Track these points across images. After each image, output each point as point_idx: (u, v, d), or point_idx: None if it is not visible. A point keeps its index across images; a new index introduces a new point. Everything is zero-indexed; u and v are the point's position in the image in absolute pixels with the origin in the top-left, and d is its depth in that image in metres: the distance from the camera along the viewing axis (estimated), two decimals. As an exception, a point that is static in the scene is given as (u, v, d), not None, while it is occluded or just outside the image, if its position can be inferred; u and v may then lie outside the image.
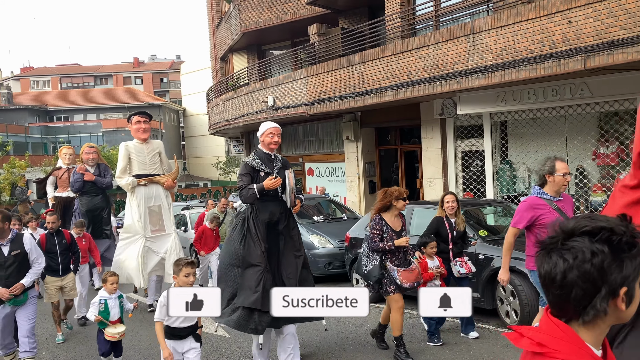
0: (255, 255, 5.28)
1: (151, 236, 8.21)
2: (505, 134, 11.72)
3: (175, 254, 8.19)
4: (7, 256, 5.46)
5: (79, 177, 9.48)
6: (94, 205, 9.68)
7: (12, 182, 27.39)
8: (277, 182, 5.26)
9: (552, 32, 8.48)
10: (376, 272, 5.84)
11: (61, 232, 7.62)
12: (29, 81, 69.81)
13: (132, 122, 8.37)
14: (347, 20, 15.67)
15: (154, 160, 8.39)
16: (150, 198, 8.26)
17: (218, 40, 23.67)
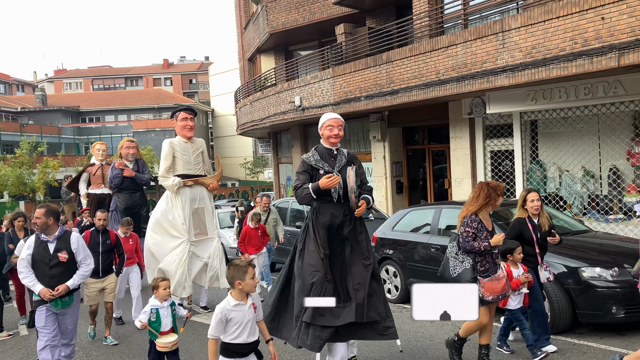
0: (313, 262, 4.70)
1: (195, 240, 7.73)
2: (536, 133, 11.53)
3: (218, 259, 7.83)
4: (53, 254, 5.16)
5: (119, 172, 9.06)
6: (133, 203, 9.27)
7: (46, 181, 28.08)
8: (334, 180, 4.65)
9: (585, 29, 8.31)
10: (468, 275, 5.11)
11: (107, 231, 7.24)
12: (62, 83, 71.49)
13: (177, 119, 7.80)
14: (375, 19, 15.62)
15: (198, 160, 7.91)
16: (195, 200, 7.75)
17: (246, 42, 23.84)
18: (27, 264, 5.17)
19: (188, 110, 7.90)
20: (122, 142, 9.62)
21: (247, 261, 3.99)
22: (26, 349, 7.16)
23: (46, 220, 5.14)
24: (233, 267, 3.97)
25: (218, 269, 7.78)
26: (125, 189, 9.20)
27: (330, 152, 5.03)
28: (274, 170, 23.73)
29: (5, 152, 35.00)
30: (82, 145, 51.02)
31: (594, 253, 6.69)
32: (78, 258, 5.30)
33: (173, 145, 7.70)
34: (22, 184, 26.80)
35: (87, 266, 5.37)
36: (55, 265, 5.15)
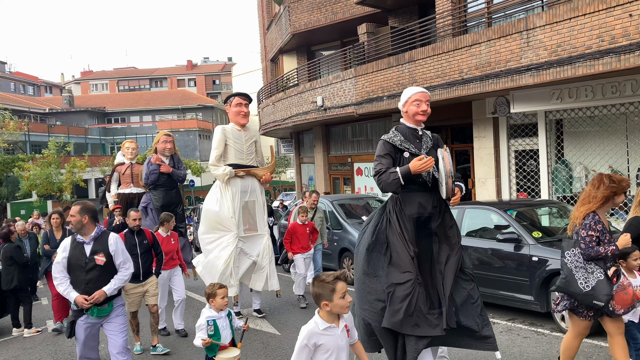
0: (401, 262, 4.02)
1: (244, 236, 7.19)
2: (561, 132, 11.35)
3: (267, 258, 7.32)
4: (89, 257, 4.65)
5: (156, 168, 8.62)
6: (169, 200, 8.80)
7: (73, 181, 28.60)
8: (429, 163, 3.95)
9: (612, 27, 8.16)
10: (606, 289, 4.21)
11: (142, 231, 6.66)
12: (89, 84, 72.69)
13: (231, 104, 7.33)
14: (397, 19, 15.55)
15: (251, 150, 7.39)
16: (246, 192, 7.23)
17: (268, 42, 23.95)
18: (63, 268, 4.69)
19: (243, 96, 7.42)
20: (159, 136, 9.14)
21: (335, 276, 3.17)
22: (54, 345, 7.29)
23: (80, 219, 4.65)
24: (318, 283, 3.19)
25: (267, 269, 7.34)
26: (162, 186, 8.75)
27: (414, 133, 4.34)
28: (296, 170, 23.80)
29: (33, 153, 35.73)
30: (108, 145, 51.82)
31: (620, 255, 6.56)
32: (117, 261, 4.78)
33: (225, 132, 7.17)
34: (50, 184, 27.35)
35: (127, 270, 4.85)
36: (91, 269, 4.65)
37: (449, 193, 4.06)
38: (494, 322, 7.08)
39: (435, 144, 4.39)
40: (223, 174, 7.03)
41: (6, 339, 8.01)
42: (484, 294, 7.47)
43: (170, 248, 7.18)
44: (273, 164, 7.69)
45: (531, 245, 6.95)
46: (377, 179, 4.14)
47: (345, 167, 18.80)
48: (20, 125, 32.22)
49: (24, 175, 27.06)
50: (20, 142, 36.13)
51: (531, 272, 6.81)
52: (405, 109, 4.39)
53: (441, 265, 4.13)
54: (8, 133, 28.25)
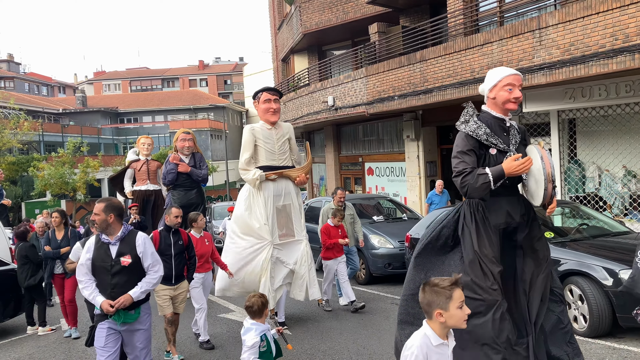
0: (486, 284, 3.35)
1: (279, 243, 6.69)
2: (574, 132, 11.26)
3: (306, 266, 6.81)
4: (115, 259, 4.27)
5: (173, 167, 8.25)
6: (189, 201, 8.35)
7: (86, 181, 28.86)
8: (527, 164, 3.36)
9: (626, 25, 8.09)
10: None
11: (178, 231, 6.19)
12: (102, 85, 73.29)
13: (259, 101, 6.77)
14: (408, 18, 15.52)
15: (284, 149, 6.82)
16: (280, 196, 6.74)
17: (279, 42, 24.00)
18: (87, 270, 4.31)
19: (272, 91, 6.83)
20: (178, 133, 8.69)
21: (451, 281, 2.62)
22: (68, 344, 7.36)
23: (106, 217, 4.26)
24: (430, 289, 2.64)
25: (306, 277, 6.84)
26: (180, 186, 8.34)
27: (501, 124, 3.65)
28: (307, 169, 23.78)
29: (47, 153, 36.09)
30: (121, 145, 52.18)
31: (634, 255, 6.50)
32: (145, 263, 4.36)
33: (254, 132, 6.64)
34: (64, 183, 27.62)
35: (155, 273, 4.40)
36: (118, 272, 4.26)
37: (546, 200, 3.43)
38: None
39: (522, 139, 3.69)
40: (253, 178, 6.54)
41: (21, 337, 8.11)
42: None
43: (205, 250, 6.65)
44: (309, 164, 7.12)
45: (543, 246, 6.89)
46: (459, 180, 3.47)
47: (356, 166, 18.80)
48: (34, 125, 32.56)
49: (39, 175, 27.36)
50: (35, 142, 36.52)
51: (543, 273, 6.76)
52: (492, 95, 3.69)
53: (525, 284, 3.53)
54: (22, 133, 28.56)
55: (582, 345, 5.97)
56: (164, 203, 9.57)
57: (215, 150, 50.97)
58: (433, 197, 12.77)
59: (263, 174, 6.56)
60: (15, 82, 58.92)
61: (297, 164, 7.01)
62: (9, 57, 64.44)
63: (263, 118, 6.78)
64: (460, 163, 3.50)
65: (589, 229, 7.83)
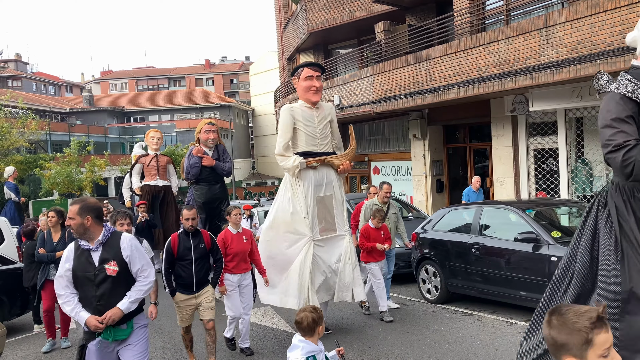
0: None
1: (319, 238, 6.03)
2: (581, 130, 11.20)
3: (350, 264, 6.13)
4: (98, 267, 3.70)
5: (197, 161, 7.73)
6: (213, 196, 7.87)
7: (93, 180, 28.99)
8: None
9: (634, 23, 8.02)
10: None
11: (199, 232, 5.59)
12: (108, 84, 73.55)
13: (300, 77, 6.09)
14: (414, 17, 15.47)
15: (325, 133, 6.14)
16: (321, 186, 6.05)
17: (285, 41, 24.00)
18: (68, 282, 3.75)
19: (314, 66, 6.14)
20: (201, 124, 8.10)
21: (592, 317, 1.72)
22: (74, 341, 7.38)
23: (82, 221, 3.68)
24: (560, 323, 1.78)
25: (350, 277, 6.18)
26: (204, 180, 7.80)
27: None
28: (313, 169, 23.80)
29: (54, 152, 36.26)
30: (127, 144, 52.37)
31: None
32: (133, 268, 3.81)
33: (294, 114, 5.95)
34: (70, 182, 27.75)
35: (146, 279, 3.84)
36: (103, 281, 3.70)
37: None
38: (511, 322, 7.03)
39: None
40: (292, 165, 5.83)
41: (28, 335, 8.14)
42: (502, 294, 7.42)
43: (242, 248, 5.94)
44: (353, 149, 6.37)
45: (550, 245, 6.87)
46: (621, 157, 2.73)
47: (362, 165, 18.77)
48: (41, 125, 32.71)
49: (46, 174, 27.49)
50: (42, 141, 36.68)
51: (550, 272, 6.72)
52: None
53: None
54: (30, 133, 28.69)
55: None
56: (174, 200, 9.27)
57: (222, 150, 51.03)
58: (470, 194, 11.47)
59: (303, 160, 5.86)
60: (23, 82, 59.22)
61: (338, 150, 6.33)
62: (17, 57, 64.79)
63: (303, 97, 6.07)
64: (619, 134, 2.74)
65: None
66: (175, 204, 9.41)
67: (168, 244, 5.44)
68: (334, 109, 6.33)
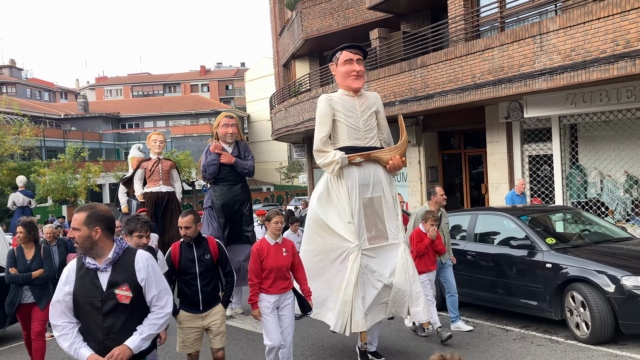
0: None
1: (368, 248, 5.13)
2: (575, 137, 11.25)
3: (406, 277, 5.17)
4: (107, 292, 3.00)
5: (215, 158, 6.97)
6: (233, 198, 7.08)
7: (87, 186, 28.89)
8: None
9: (627, 31, 8.08)
10: None
11: (204, 241, 4.82)
12: (103, 90, 73.47)
13: (338, 62, 5.37)
14: (409, 24, 15.53)
15: (370, 124, 5.36)
16: (367, 185, 5.25)
17: (281, 48, 24.04)
18: (67, 310, 3.05)
19: (353, 49, 5.37)
20: (219, 118, 7.29)
21: None
22: (68, 350, 7.31)
23: (89, 233, 3.00)
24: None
25: (407, 292, 5.23)
26: (223, 180, 7.05)
27: None
28: (308, 175, 23.81)
29: (48, 158, 36.16)
30: (122, 150, 52.25)
31: (637, 261, 6.47)
32: (148, 295, 3.10)
33: (332, 103, 5.24)
34: (65, 189, 27.65)
35: (162, 309, 3.13)
36: (112, 310, 3.00)
37: None
38: (506, 329, 7.02)
39: None
40: (331, 160, 5.11)
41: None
42: (497, 301, 7.42)
43: (281, 263, 4.94)
44: (404, 142, 5.51)
45: (545, 252, 6.88)
46: None
47: (357, 172, 18.76)
48: (36, 131, 32.62)
49: (40, 180, 27.39)
50: (36, 148, 36.57)
51: (545, 279, 6.73)
52: None
53: None
54: (24, 139, 28.60)
55: (585, 352, 5.95)
56: (179, 206, 8.69)
57: (217, 156, 51.01)
58: (514, 198, 10.57)
59: (345, 156, 5.10)
60: (18, 88, 59.06)
61: (386, 145, 5.50)
62: (11, 63, 64.67)
63: (343, 84, 5.36)
64: None
65: (591, 235, 7.80)
66: (179, 211, 8.67)
67: (168, 255, 4.78)
68: (380, 99, 5.56)
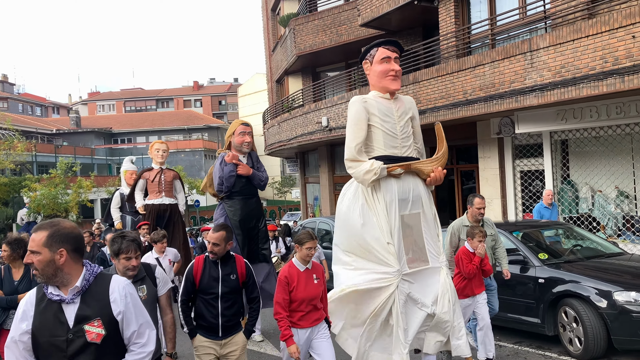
0: None
1: (408, 273, 4.35)
2: (566, 152, 11.34)
3: (449, 306, 4.41)
4: (74, 329, 2.41)
5: (232, 169, 6.29)
6: (250, 212, 6.39)
7: (79, 202, 28.70)
8: None
9: (615, 48, 8.20)
10: None
11: (232, 258, 4.30)
12: (96, 105, 73.39)
13: (374, 60, 4.62)
14: (401, 40, 15.66)
15: (407, 132, 4.60)
16: (406, 201, 4.48)
17: (274, 63, 24.16)
18: (27, 353, 2.45)
19: (390, 45, 4.60)
20: (234, 126, 6.59)
21: None
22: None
23: (51, 257, 2.40)
24: None
25: (450, 323, 4.50)
26: (238, 193, 6.35)
27: None
28: (301, 190, 23.82)
29: (40, 173, 35.96)
30: (114, 165, 52.08)
31: (628, 276, 6.50)
32: (127, 331, 2.53)
33: (367, 106, 4.53)
34: (56, 204, 27.46)
35: (143, 348, 2.57)
36: (80, 351, 2.40)
37: None
38: (500, 344, 7.00)
39: None
40: (369, 170, 4.29)
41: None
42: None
43: (313, 292, 4.32)
44: (444, 153, 4.72)
45: (537, 267, 6.89)
46: None
47: (350, 187, 18.78)
48: (28, 146, 32.48)
49: (32, 195, 27.20)
50: (28, 163, 36.37)
51: (538, 294, 6.74)
52: None
53: None
54: (16, 154, 28.46)
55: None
56: (182, 220, 8.24)
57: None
58: (542, 211, 9.74)
59: (384, 166, 4.33)
60: (9, 103, 58.91)
61: (420, 156, 4.76)
62: (4, 78, 64.53)
63: (379, 85, 4.66)
64: None
65: (583, 250, 7.83)
66: (182, 224, 8.32)
67: (190, 269, 4.25)
68: (415, 104, 4.90)
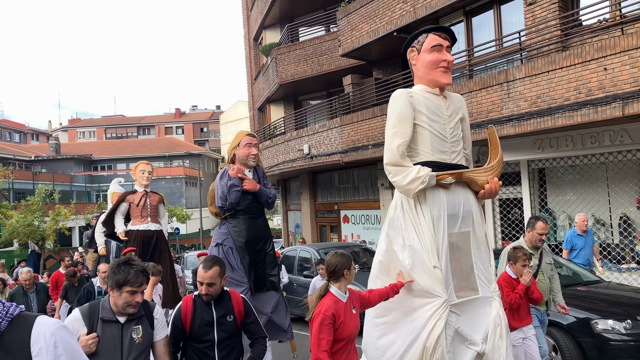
0: None
1: (456, 303, 3.62)
2: (544, 181, 11.51)
3: (503, 343, 3.66)
4: None
5: (237, 183, 5.45)
6: (257, 233, 5.55)
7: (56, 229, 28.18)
8: None
9: (588, 80, 8.43)
10: None
11: (226, 295, 3.67)
12: (76, 132, 72.78)
13: (422, 47, 3.81)
14: (381, 70, 15.92)
15: (457, 135, 3.85)
16: (455, 217, 3.74)
17: (256, 92, 24.33)
18: None
19: (442, 32, 3.86)
20: (239, 137, 5.89)
21: None
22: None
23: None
24: None
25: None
26: (244, 212, 5.52)
27: None
28: (282, 217, 23.74)
29: (17, 200, 35.36)
30: (94, 193, 51.45)
31: (605, 304, 6.57)
32: None
33: (413, 101, 3.70)
34: (32, 232, 26.92)
35: None
36: None
37: None
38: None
39: None
40: (415, 178, 3.56)
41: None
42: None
43: (355, 326, 3.52)
44: (500, 162, 4.05)
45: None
46: None
47: (332, 214, 18.80)
48: (5, 173, 31.98)
49: (7, 222, 26.68)
50: (4, 190, 35.78)
51: (517, 323, 6.75)
52: None
53: None
54: (-8, 181, 28.01)
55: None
56: (168, 246, 7.62)
57: (190, 198, 50.61)
58: (575, 240, 8.68)
59: (433, 174, 3.59)
60: (-13, 129, 58.19)
61: (468, 164, 3.99)
62: (-18, 104, 63.84)
63: (427, 78, 3.81)
64: None
65: (561, 278, 7.88)
66: (169, 251, 7.71)
67: (177, 314, 3.53)
68: (464, 103, 4.06)
